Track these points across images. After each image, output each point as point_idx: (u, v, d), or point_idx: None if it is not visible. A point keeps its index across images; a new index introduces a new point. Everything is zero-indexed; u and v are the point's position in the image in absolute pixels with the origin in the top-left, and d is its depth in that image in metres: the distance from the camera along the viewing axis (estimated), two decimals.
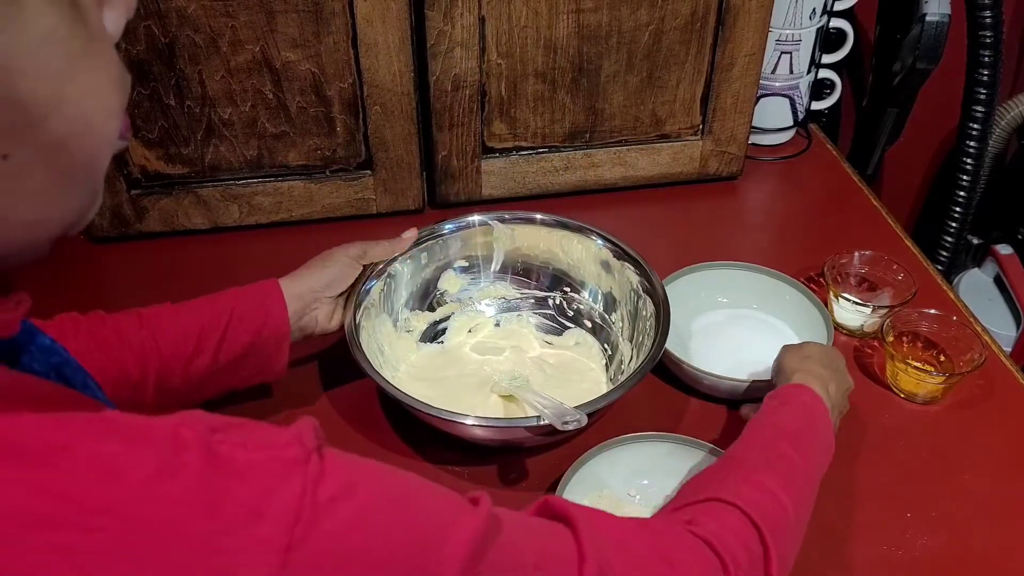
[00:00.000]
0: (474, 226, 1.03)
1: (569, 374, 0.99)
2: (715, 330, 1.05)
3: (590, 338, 1.03)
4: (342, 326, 0.92)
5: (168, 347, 0.82)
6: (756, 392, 0.91)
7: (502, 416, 0.93)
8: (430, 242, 1.02)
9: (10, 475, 0.39)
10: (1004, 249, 1.67)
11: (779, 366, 0.87)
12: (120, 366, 0.79)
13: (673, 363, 0.96)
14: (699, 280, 1.06)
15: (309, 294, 0.89)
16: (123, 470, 0.40)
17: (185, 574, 0.40)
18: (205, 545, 0.40)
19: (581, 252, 1.03)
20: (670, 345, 0.93)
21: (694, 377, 0.95)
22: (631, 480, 0.86)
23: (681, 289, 1.03)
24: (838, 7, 1.30)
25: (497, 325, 1.05)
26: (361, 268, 0.94)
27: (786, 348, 0.89)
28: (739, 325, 1.06)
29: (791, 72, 1.30)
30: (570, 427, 0.79)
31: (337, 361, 0.98)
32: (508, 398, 0.95)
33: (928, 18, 1.35)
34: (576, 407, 0.82)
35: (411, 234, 0.99)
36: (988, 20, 1.42)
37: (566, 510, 0.59)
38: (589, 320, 1.04)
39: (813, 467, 0.75)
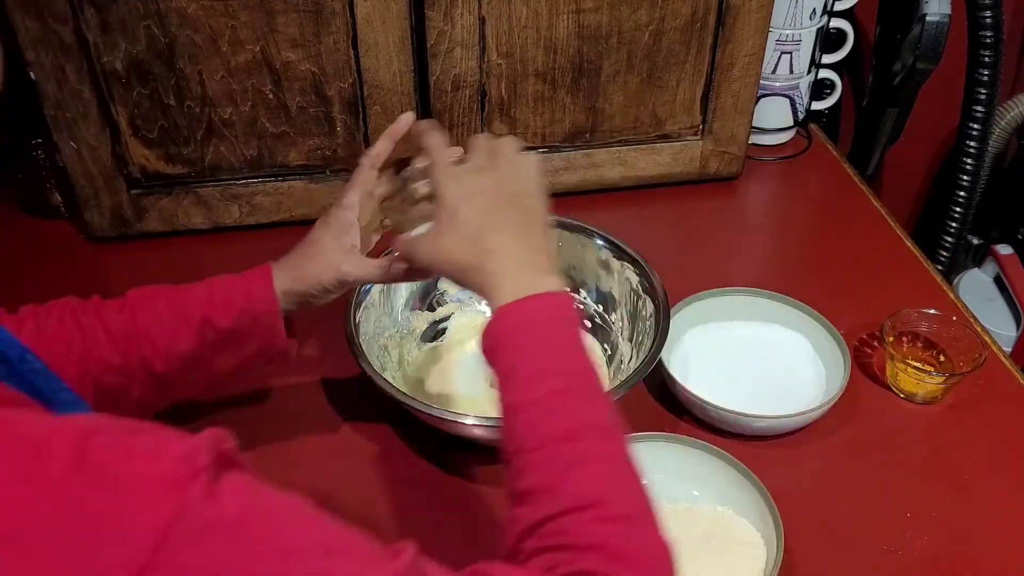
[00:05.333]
0: None
1: None
2: (729, 355, 1.01)
3: (589, 338, 1.03)
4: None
5: (145, 328, 0.77)
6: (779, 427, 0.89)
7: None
8: None
9: None
10: (1004, 249, 1.67)
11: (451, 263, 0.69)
12: (99, 353, 0.76)
13: (692, 403, 0.92)
14: (703, 308, 1.02)
15: (300, 281, 0.81)
16: None
17: None
18: (52, 555, 0.37)
19: (581, 252, 1.03)
20: (690, 386, 0.92)
21: (719, 418, 0.91)
22: None
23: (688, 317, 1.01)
24: (838, 7, 1.30)
25: None
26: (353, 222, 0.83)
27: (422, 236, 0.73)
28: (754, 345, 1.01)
29: (791, 72, 1.30)
30: None
31: (337, 361, 0.98)
32: None
33: (928, 18, 1.35)
34: None
35: (407, 117, 0.87)
36: (988, 20, 1.42)
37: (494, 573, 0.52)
38: (589, 320, 1.04)
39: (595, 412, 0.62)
